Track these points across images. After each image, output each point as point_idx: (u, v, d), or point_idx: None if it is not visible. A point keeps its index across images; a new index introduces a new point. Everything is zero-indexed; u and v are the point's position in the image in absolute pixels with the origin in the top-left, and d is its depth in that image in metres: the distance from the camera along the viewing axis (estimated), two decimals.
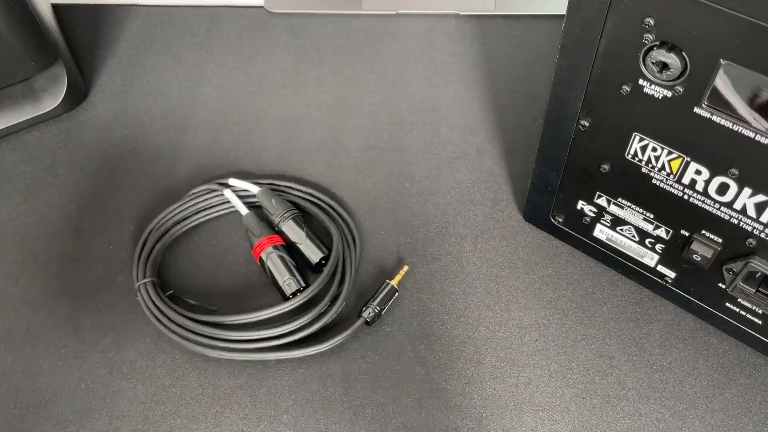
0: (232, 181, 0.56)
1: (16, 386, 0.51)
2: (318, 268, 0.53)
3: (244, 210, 0.55)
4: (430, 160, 0.59)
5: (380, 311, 0.51)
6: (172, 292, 0.53)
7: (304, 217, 0.55)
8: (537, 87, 0.63)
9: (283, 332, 0.50)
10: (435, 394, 0.49)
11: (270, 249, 0.53)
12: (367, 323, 0.51)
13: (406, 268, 0.53)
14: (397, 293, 0.52)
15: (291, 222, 0.54)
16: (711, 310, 0.49)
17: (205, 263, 0.55)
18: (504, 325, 0.52)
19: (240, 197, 0.56)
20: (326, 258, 0.53)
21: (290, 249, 0.54)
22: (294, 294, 0.51)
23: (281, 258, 0.52)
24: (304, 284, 0.52)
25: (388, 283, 0.52)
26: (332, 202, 0.56)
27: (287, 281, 0.51)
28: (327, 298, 0.51)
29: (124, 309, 0.54)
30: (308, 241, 0.53)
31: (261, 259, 0.53)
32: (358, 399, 0.49)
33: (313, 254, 0.53)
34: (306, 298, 0.51)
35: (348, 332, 0.50)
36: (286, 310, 0.50)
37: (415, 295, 0.53)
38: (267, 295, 0.54)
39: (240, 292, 0.54)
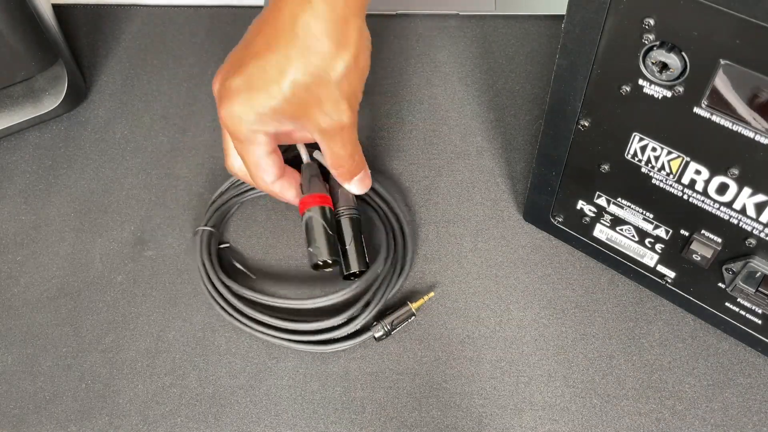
0: (316, 154, 0.54)
1: (17, 385, 0.51)
2: (348, 276, 0.51)
3: (306, 157, 0.53)
4: (430, 160, 0.59)
5: (390, 331, 0.51)
6: (228, 245, 0.55)
7: (360, 221, 0.53)
8: (537, 87, 0.63)
9: (299, 329, 0.51)
10: (435, 393, 0.49)
11: (315, 209, 0.50)
12: (374, 339, 0.51)
13: (431, 294, 0.52)
14: (413, 317, 0.51)
15: (347, 220, 0.52)
16: (711, 310, 0.49)
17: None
18: (504, 325, 0.52)
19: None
20: (360, 273, 0.51)
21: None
22: (317, 266, 0.49)
23: (321, 223, 0.49)
24: (333, 258, 0.49)
25: (408, 306, 0.51)
26: (406, 229, 0.54)
27: (317, 248, 0.49)
28: (358, 307, 0.51)
29: (125, 309, 0.54)
30: (352, 246, 0.51)
31: (303, 215, 0.51)
32: (358, 399, 0.49)
33: (351, 263, 0.51)
34: (328, 302, 0.50)
35: (353, 342, 0.50)
36: (313, 307, 0.51)
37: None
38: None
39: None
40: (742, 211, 0.40)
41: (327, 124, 0.44)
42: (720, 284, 0.46)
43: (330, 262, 0.49)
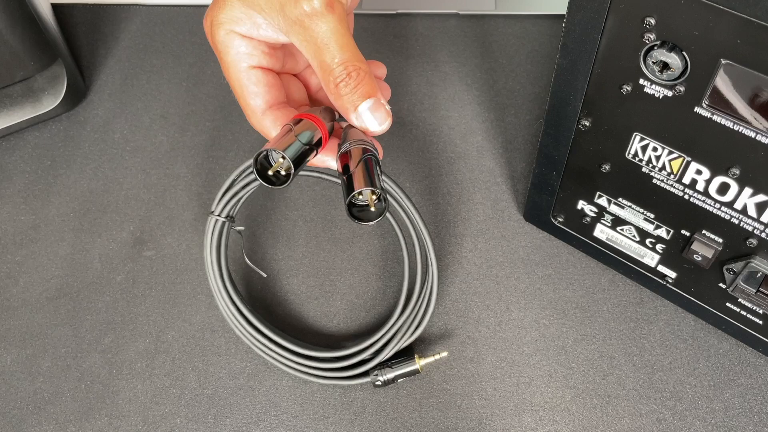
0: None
1: (16, 386, 0.51)
2: (353, 209, 0.38)
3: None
4: (430, 160, 0.59)
5: (392, 380, 0.49)
6: (243, 228, 0.54)
7: (376, 160, 0.38)
8: (537, 86, 0.62)
9: (295, 349, 0.50)
10: (435, 394, 0.49)
11: (297, 122, 0.38)
12: (372, 385, 0.49)
13: (443, 354, 0.49)
14: (418, 374, 0.49)
15: (357, 151, 0.38)
16: (711, 310, 0.49)
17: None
18: (504, 325, 0.52)
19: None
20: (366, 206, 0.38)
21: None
22: (266, 176, 0.38)
23: (289, 128, 0.39)
24: (285, 164, 0.38)
25: (414, 363, 0.49)
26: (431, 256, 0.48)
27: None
28: (369, 352, 0.49)
29: (124, 309, 0.54)
30: (359, 168, 0.37)
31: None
32: (358, 399, 0.49)
33: (356, 183, 0.37)
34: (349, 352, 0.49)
35: (351, 382, 0.49)
36: (331, 356, 0.49)
37: None
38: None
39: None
40: (743, 211, 0.40)
41: (294, 11, 0.37)
42: (721, 284, 0.46)
43: (282, 173, 0.38)
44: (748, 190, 0.39)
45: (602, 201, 0.48)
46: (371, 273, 0.54)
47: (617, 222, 0.49)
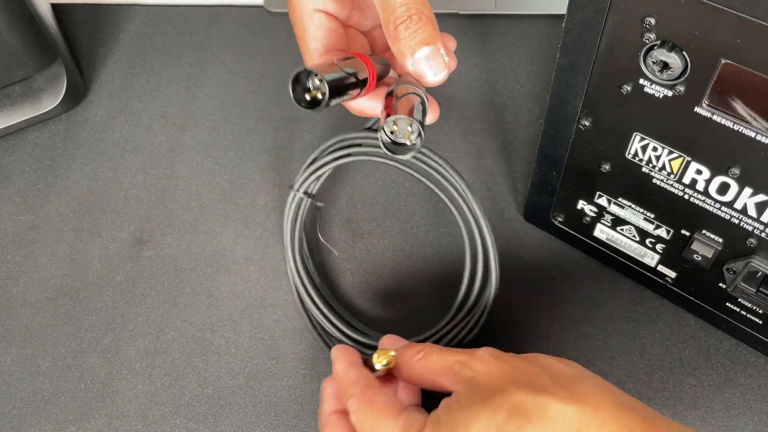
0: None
1: (16, 386, 0.51)
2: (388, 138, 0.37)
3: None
4: None
5: None
6: (322, 204, 0.55)
7: (424, 104, 0.37)
8: (537, 86, 0.62)
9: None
10: (434, 394, 0.49)
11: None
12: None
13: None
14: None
15: (402, 89, 0.37)
16: (711, 310, 0.49)
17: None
18: (504, 326, 0.52)
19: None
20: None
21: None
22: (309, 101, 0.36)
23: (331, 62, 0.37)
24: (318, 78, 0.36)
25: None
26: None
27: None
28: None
29: (124, 309, 0.54)
30: (404, 99, 0.36)
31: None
32: None
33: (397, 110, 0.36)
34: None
35: None
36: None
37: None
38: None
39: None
40: (743, 210, 0.40)
41: None
42: (721, 284, 0.46)
43: (316, 86, 0.36)
44: (748, 190, 0.39)
45: (602, 201, 0.48)
46: (369, 273, 0.54)
47: (617, 222, 0.49)
